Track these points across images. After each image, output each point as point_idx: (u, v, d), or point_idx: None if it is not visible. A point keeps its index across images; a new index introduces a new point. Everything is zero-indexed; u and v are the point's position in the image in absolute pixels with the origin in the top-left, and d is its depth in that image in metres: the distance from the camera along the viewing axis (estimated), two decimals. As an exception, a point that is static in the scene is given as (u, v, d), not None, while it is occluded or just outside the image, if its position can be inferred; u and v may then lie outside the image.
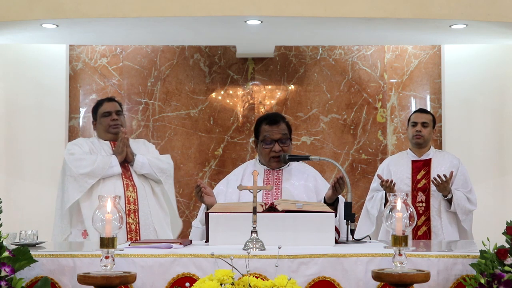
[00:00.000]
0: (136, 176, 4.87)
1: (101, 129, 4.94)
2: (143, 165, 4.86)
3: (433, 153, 5.40)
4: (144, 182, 4.90)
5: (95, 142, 4.94)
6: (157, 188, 4.97)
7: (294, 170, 4.24)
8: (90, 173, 4.73)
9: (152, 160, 4.91)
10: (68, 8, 5.42)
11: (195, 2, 5.41)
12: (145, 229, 4.78)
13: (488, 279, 2.99)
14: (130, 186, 4.82)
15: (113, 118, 4.90)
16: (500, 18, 5.53)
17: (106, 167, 4.75)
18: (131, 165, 4.87)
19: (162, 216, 4.93)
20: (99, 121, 4.94)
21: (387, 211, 2.96)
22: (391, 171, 5.41)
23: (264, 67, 7.04)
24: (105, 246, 2.88)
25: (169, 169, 4.99)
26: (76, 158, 4.78)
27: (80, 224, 4.79)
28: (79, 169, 4.73)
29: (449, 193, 5.19)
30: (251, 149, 6.98)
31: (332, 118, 7.00)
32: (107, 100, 5.00)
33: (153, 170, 4.89)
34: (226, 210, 3.59)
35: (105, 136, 4.93)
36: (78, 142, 4.97)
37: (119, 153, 4.81)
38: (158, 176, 4.91)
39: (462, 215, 5.21)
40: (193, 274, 3.08)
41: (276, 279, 2.86)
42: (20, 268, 3.08)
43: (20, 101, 6.65)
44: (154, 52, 7.00)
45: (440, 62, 6.93)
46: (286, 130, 4.17)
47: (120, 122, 4.91)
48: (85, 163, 4.74)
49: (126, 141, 4.82)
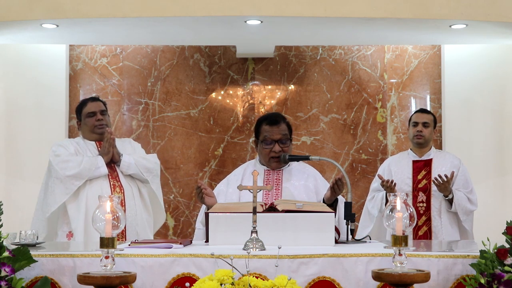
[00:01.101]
0: (123, 176, 4.82)
1: (86, 130, 4.87)
2: (129, 166, 4.81)
3: (434, 153, 5.40)
4: (131, 183, 4.84)
5: (80, 142, 4.87)
6: (143, 189, 4.92)
7: (294, 170, 4.24)
8: (76, 174, 4.66)
9: (138, 160, 4.85)
10: (68, 8, 5.42)
11: (195, 2, 5.41)
12: (130, 230, 4.75)
13: (488, 279, 2.99)
14: (117, 187, 4.77)
15: (98, 118, 4.83)
16: (500, 18, 5.53)
17: (93, 168, 4.69)
18: (117, 166, 4.82)
19: (146, 217, 4.89)
20: (84, 122, 4.87)
21: (387, 211, 2.96)
22: (392, 171, 5.41)
23: (264, 67, 7.04)
24: (105, 246, 2.88)
25: (155, 168, 4.93)
26: (62, 160, 4.71)
27: (66, 225, 4.73)
28: (65, 171, 4.67)
29: (450, 193, 5.19)
30: (251, 149, 6.98)
31: (332, 118, 7.00)
32: (91, 100, 4.93)
33: (139, 170, 4.83)
34: (226, 210, 3.59)
35: (90, 136, 4.87)
36: (63, 143, 4.91)
37: (105, 154, 4.75)
38: (145, 176, 4.85)
39: (462, 215, 5.22)
40: (193, 274, 3.08)
41: (276, 279, 2.86)
42: (20, 268, 3.08)
43: (20, 101, 6.64)
44: (154, 52, 7.00)
45: (440, 62, 6.93)
46: (287, 131, 4.17)
47: (105, 122, 4.84)
48: (71, 164, 4.68)
49: (112, 141, 4.75)
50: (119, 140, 4.94)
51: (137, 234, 4.76)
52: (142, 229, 4.82)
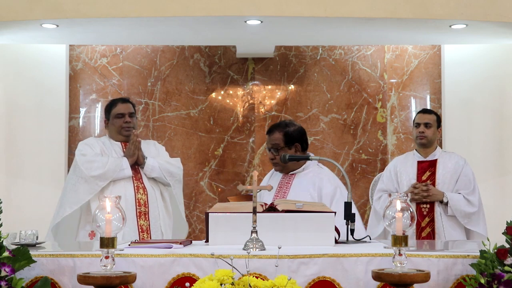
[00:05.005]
0: (147, 178, 4.85)
1: (113, 130, 4.91)
2: (153, 169, 4.84)
3: (439, 154, 5.36)
4: (153, 185, 4.88)
5: (106, 142, 4.90)
6: (165, 192, 4.95)
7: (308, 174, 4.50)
8: (101, 175, 4.70)
9: (162, 163, 4.88)
10: (68, 8, 5.42)
11: (195, 2, 5.41)
12: (154, 232, 4.78)
13: (488, 279, 2.99)
14: (141, 189, 4.80)
15: (126, 121, 4.86)
16: (499, 18, 5.53)
17: (117, 170, 4.72)
18: (141, 168, 4.85)
19: (167, 219, 4.92)
20: (112, 122, 4.90)
21: (387, 211, 2.96)
22: (397, 172, 5.39)
23: (264, 67, 7.04)
24: (105, 246, 2.88)
25: (178, 173, 4.96)
26: (87, 160, 4.74)
27: (89, 224, 4.75)
28: (90, 171, 4.70)
29: (444, 197, 5.17)
30: (251, 149, 6.98)
31: (332, 118, 7.00)
32: (121, 101, 4.95)
33: (163, 173, 4.86)
34: (226, 210, 3.59)
35: (116, 137, 4.90)
36: (90, 142, 4.93)
37: (130, 156, 4.78)
38: (168, 180, 4.88)
39: (462, 218, 5.16)
40: (193, 274, 3.08)
41: (276, 279, 2.86)
42: (20, 268, 3.08)
43: (20, 101, 6.64)
44: (154, 52, 7.01)
45: (440, 62, 6.93)
46: (279, 140, 4.44)
47: (133, 125, 4.88)
48: (96, 165, 4.71)
49: (138, 144, 4.79)
50: (144, 142, 4.97)
51: (162, 235, 4.78)
52: (165, 231, 4.85)
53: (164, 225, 4.85)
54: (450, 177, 5.25)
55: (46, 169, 6.62)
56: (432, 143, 5.39)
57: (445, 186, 5.21)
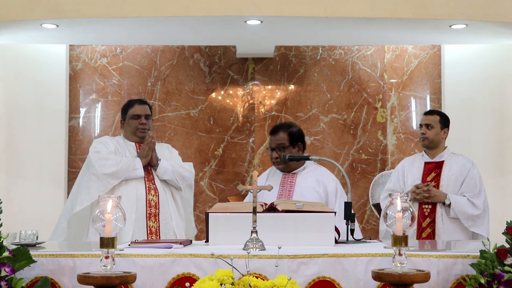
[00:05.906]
0: (159, 180, 4.86)
1: (128, 130, 4.92)
2: (166, 171, 4.85)
3: (447, 155, 5.33)
4: (165, 187, 4.89)
5: (120, 141, 4.91)
6: (177, 195, 4.96)
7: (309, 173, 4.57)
8: (113, 173, 4.71)
9: (175, 166, 4.89)
10: (68, 8, 5.42)
11: (195, 2, 5.41)
12: (165, 233, 4.78)
13: (488, 279, 2.99)
14: (152, 190, 4.81)
15: (141, 122, 4.87)
16: (499, 18, 5.53)
17: (130, 169, 4.73)
18: (154, 169, 4.86)
19: (180, 222, 4.93)
20: (127, 122, 4.91)
21: (387, 211, 2.96)
22: (405, 172, 5.39)
23: (264, 67, 7.04)
24: (105, 246, 2.88)
25: (190, 177, 4.96)
26: (101, 157, 4.75)
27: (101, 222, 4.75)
28: (104, 168, 4.71)
29: (446, 199, 5.15)
30: (251, 149, 6.98)
31: (332, 118, 7.00)
32: (138, 102, 4.95)
33: (175, 176, 4.87)
34: (226, 210, 3.59)
35: (131, 137, 4.91)
36: (104, 140, 4.94)
37: (144, 157, 4.79)
38: (179, 184, 4.89)
39: (466, 221, 5.11)
40: (193, 274, 3.08)
41: (276, 279, 2.86)
42: (20, 268, 3.08)
43: (20, 101, 6.64)
44: (154, 52, 7.01)
45: (440, 62, 6.93)
46: (285, 140, 4.57)
47: (148, 127, 4.89)
48: (110, 162, 4.72)
49: (152, 145, 4.80)
50: (158, 145, 4.98)
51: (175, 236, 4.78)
52: (178, 232, 4.85)
53: (177, 226, 4.86)
54: (455, 179, 5.22)
55: (46, 169, 6.62)
56: (436, 144, 5.35)
57: (450, 188, 5.19)
